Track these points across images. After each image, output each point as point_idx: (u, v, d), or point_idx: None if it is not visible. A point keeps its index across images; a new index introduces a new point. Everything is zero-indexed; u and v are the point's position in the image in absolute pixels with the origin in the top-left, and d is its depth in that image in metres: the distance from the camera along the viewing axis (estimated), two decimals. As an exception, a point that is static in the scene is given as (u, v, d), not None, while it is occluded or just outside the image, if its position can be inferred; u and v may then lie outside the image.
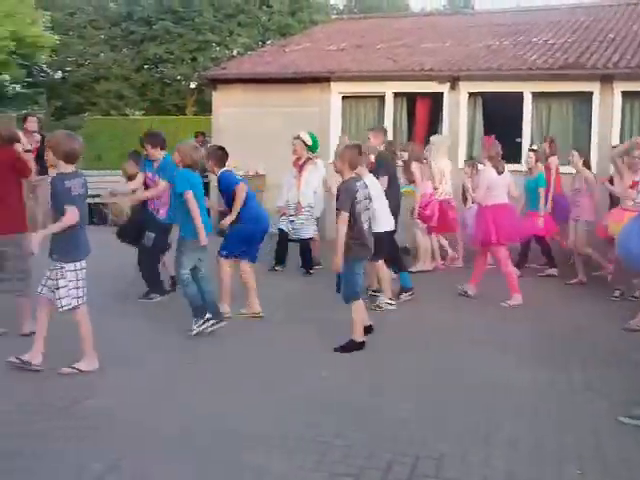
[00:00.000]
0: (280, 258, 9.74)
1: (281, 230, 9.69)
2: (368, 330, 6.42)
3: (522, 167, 10.33)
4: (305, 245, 9.59)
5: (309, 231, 9.59)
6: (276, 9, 40.25)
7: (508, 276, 8.01)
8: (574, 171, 9.20)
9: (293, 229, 9.55)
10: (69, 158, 5.33)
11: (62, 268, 5.28)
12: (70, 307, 5.34)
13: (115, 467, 3.95)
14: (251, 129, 12.94)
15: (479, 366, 5.82)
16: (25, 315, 6.23)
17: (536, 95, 11.61)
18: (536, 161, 9.47)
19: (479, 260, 8.37)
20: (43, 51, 36.32)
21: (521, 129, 11.60)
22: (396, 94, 12.51)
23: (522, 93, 11.59)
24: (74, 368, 5.39)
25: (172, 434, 4.40)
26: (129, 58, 40.60)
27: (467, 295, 8.21)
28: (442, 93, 12.09)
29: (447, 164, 10.13)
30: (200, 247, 6.50)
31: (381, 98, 12.63)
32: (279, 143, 10.07)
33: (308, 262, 9.63)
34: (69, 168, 5.36)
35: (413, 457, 4.09)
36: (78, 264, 5.37)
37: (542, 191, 9.28)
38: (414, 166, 9.63)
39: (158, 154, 7.64)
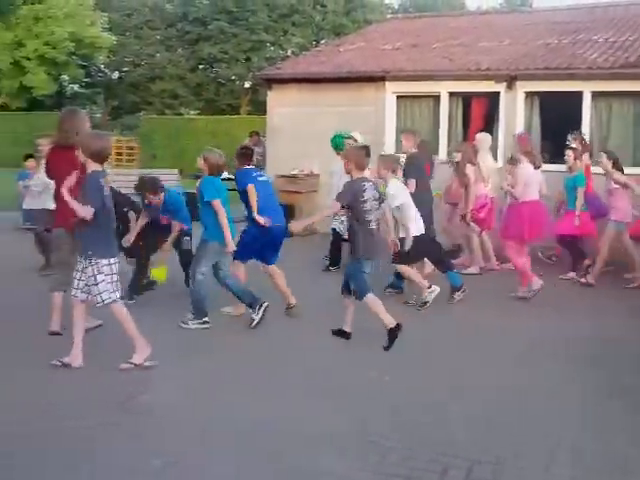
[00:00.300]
0: (334, 259, 9.72)
1: (334, 230, 9.68)
2: (348, 336, 6.45)
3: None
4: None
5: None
6: (330, 9, 40.39)
7: (518, 267, 8.08)
8: (602, 171, 9.08)
9: (345, 229, 9.53)
10: (95, 157, 5.41)
11: (98, 263, 5.38)
12: (110, 301, 5.43)
13: (173, 463, 3.98)
14: (306, 129, 12.95)
15: (534, 368, 5.73)
16: (87, 310, 6.31)
17: (596, 95, 11.36)
18: (575, 159, 9.32)
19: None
20: (101, 51, 37.15)
21: (580, 129, 11.35)
22: (451, 94, 12.38)
23: (581, 93, 11.34)
24: (130, 363, 5.47)
25: (226, 432, 4.42)
26: (184, 58, 41.18)
27: (522, 298, 8.10)
28: (498, 93, 11.91)
29: (492, 161, 10.12)
30: (223, 251, 6.72)
31: (436, 98, 12.51)
32: (334, 143, 10.05)
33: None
34: (98, 167, 5.45)
35: (469, 461, 4.03)
36: (112, 259, 5.48)
37: (580, 190, 9.14)
38: (469, 168, 9.50)
39: (159, 198, 7.74)
